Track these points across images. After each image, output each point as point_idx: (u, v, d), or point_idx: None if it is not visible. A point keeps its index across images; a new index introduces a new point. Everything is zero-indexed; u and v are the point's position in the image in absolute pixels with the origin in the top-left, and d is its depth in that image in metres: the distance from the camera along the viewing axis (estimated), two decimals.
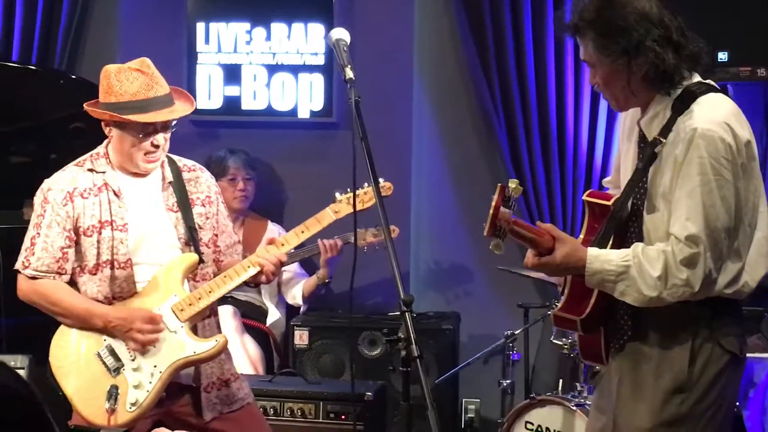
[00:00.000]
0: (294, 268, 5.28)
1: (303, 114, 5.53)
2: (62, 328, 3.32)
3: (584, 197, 2.96)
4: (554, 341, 4.54)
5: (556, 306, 2.95)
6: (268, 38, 5.53)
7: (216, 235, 3.46)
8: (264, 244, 3.44)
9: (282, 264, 3.38)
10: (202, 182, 3.47)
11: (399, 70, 5.49)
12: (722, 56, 4.80)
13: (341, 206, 3.51)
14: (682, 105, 2.72)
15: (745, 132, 2.72)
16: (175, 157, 3.46)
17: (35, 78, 5.21)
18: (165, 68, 5.58)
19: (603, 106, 5.32)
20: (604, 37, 2.71)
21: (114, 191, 3.30)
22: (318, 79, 5.50)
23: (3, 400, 1.51)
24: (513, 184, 2.65)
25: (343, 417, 4.35)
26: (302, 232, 3.44)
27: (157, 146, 3.29)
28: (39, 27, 5.75)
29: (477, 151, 5.64)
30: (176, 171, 3.42)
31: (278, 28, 5.52)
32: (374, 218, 3.46)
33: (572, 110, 5.37)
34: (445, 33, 5.61)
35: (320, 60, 5.49)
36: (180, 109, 3.32)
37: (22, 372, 4.08)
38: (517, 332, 4.78)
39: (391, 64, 5.43)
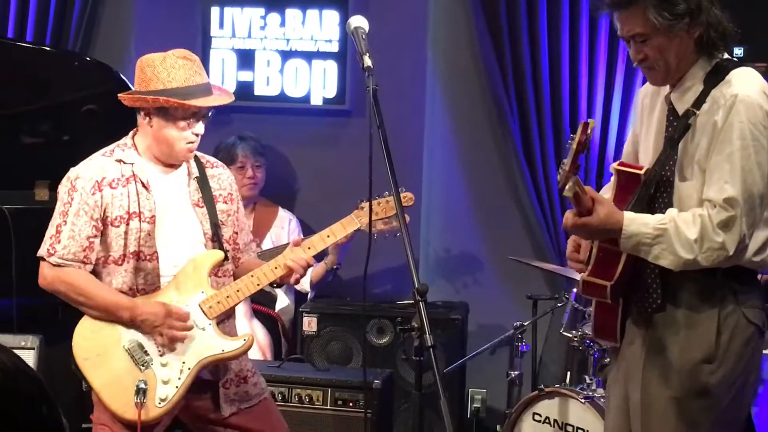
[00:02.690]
0: None
1: (316, 101, 5.52)
2: (83, 322, 3.28)
3: (615, 166, 2.97)
4: (564, 333, 4.53)
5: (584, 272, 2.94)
6: (283, 24, 5.52)
7: (236, 233, 3.45)
8: (291, 246, 3.44)
9: (309, 266, 3.38)
10: (224, 179, 3.46)
11: (413, 58, 5.48)
12: (738, 52, 4.79)
13: (361, 213, 3.51)
14: (715, 78, 2.77)
15: None
16: (198, 153, 3.45)
17: (49, 59, 5.20)
18: None
19: (617, 97, 5.31)
20: (666, 1, 2.73)
21: (143, 183, 3.28)
22: (332, 66, 5.49)
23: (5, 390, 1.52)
24: (591, 123, 2.65)
25: (351, 404, 4.36)
26: (328, 236, 3.44)
27: (197, 135, 3.29)
28: (53, 8, 5.75)
29: (489, 140, 5.64)
30: (201, 167, 3.41)
31: (293, 14, 5.51)
32: None
33: (585, 100, 5.35)
34: (460, 21, 5.60)
35: (334, 47, 5.48)
36: (221, 97, 3.33)
37: (32, 352, 4.09)
38: (526, 323, 4.77)
39: (404, 52, 5.42)
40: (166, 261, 3.29)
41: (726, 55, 2.84)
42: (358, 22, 2.91)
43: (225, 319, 3.38)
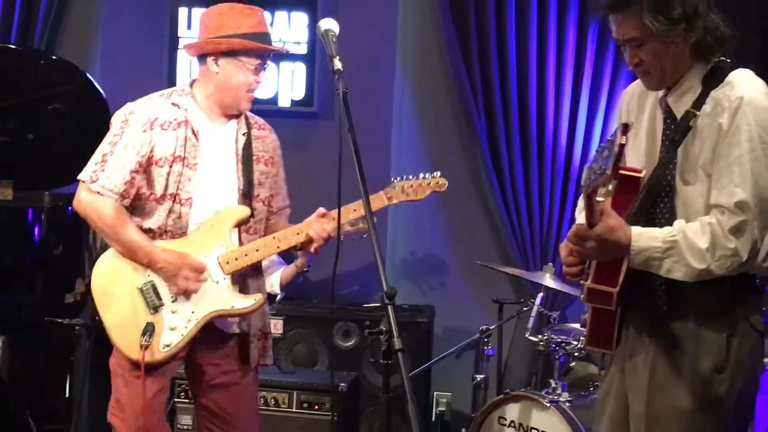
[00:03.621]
0: (273, 256, 5.26)
1: (284, 103, 5.52)
2: (106, 256, 3.37)
3: None
4: (530, 337, 4.54)
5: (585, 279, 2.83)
6: None
7: (272, 195, 3.55)
8: (316, 215, 3.48)
9: (330, 237, 3.44)
10: (268, 142, 3.57)
11: (382, 61, 5.49)
12: None
13: (394, 192, 3.61)
14: (715, 79, 2.72)
15: None
16: (248, 113, 3.54)
17: (14, 57, 5.16)
18: (146, 52, 5.61)
19: (583, 103, 5.34)
20: (662, 6, 2.68)
21: (193, 130, 3.36)
22: (300, 68, 5.49)
23: None
24: (631, 125, 2.60)
25: (316, 407, 4.36)
26: (354, 210, 3.46)
27: (259, 83, 3.42)
28: (19, 7, 5.71)
29: (456, 144, 5.66)
30: (248, 125, 3.50)
31: None
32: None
33: (552, 106, 5.38)
34: (429, 25, 5.61)
35: (303, 49, 5.48)
36: (284, 47, 3.48)
37: None
38: (492, 327, 4.78)
39: (374, 54, 5.43)
40: (198, 209, 3.37)
41: (722, 58, 2.78)
42: (329, 24, 2.91)
43: (242, 277, 3.45)
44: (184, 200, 3.34)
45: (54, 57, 5.47)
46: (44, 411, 4.92)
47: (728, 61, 2.78)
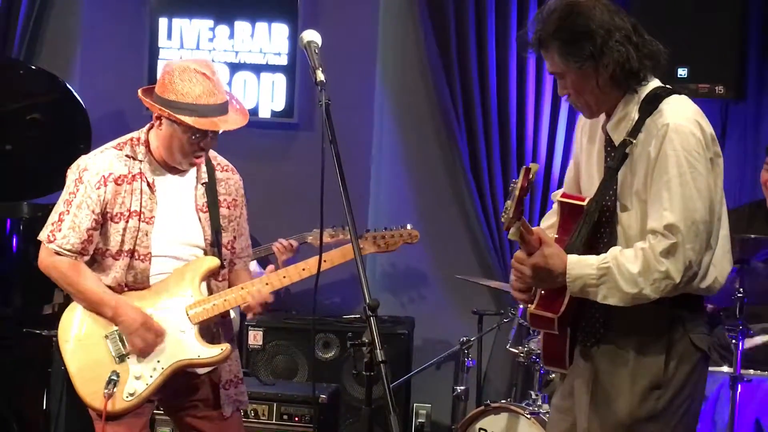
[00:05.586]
0: (253, 267, 5.26)
1: (264, 114, 5.52)
2: (74, 304, 3.34)
3: (558, 197, 2.97)
4: (510, 348, 4.54)
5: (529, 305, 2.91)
6: (232, 36, 5.51)
7: (234, 238, 3.48)
8: (268, 271, 3.44)
9: (268, 305, 3.40)
10: (231, 184, 3.48)
11: (362, 71, 5.50)
12: (682, 72, 4.87)
13: (366, 243, 3.71)
14: (649, 107, 2.78)
15: (711, 129, 2.78)
16: (212, 154, 3.44)
17: None
18: (125, 62, 5.61)
19: (563, 113, 5.36)
20: (569, 44, 2.76)
21: (148, 183, 3.30)
22: (280, 80, 5.49)
23: None
24: (534, 168, 2.63)
25: (296, 419, 4.35)
26: (303, 269, 3.47)
27: (203, 149, 3.30)
28: None
29: (437, 155, 5.66)
30: (211, 170, 3.42)
31: (242, 26, 5.51)
32: (333, 218, 3.45)
33: (532, 117, 5.40)
34: (409, 36, 5.63)
35: (283, 60, 5.48)
36: (234, 120, 3.32)
37: None
38: (472, 339, 4.79)
39: (354, 65, 5.44)
40: (160, 261, 3.32)
41: (658, 82, 2.84)
42: (311, 36, 2.90)
43: (209, 326, 3.40)
44: (143, 255, 3.28)
45: (33, 67, 5.46)
46: (21, 424, 4.88)
47: (667, 86, 2.84)
